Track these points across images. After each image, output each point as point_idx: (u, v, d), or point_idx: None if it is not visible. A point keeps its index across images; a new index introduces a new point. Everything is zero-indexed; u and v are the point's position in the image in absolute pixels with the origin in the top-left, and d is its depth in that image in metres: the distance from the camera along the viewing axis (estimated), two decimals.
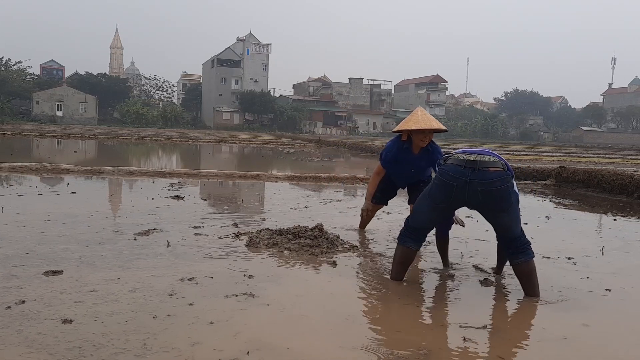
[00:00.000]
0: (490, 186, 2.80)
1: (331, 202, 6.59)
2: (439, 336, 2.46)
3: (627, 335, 2.56)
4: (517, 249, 2.98)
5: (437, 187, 2.97)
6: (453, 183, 2.86)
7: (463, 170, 2.83)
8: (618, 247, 4.58)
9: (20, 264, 3.17)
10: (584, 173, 9.17)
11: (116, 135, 28.85)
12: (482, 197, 2.84)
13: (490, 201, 2.85)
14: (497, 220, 2.95)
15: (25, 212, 4.92)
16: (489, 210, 2.93)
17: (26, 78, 69.28)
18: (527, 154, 21.82)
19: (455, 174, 2.85)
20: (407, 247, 3.14)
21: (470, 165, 2.83)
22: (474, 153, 2.92)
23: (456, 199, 2.91)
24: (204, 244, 3.95)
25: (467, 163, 2.84)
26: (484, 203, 2.88)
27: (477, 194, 2.83)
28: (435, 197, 2.99)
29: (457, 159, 2.90)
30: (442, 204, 2.99)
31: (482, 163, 2.83)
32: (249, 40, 79.43)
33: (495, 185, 2.81)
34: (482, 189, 2.81)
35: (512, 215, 2.93)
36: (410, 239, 3.14)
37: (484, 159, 2.85)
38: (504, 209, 2.88)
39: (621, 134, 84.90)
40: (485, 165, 2.82)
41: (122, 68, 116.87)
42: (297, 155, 18.45)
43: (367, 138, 48.64)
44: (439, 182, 2.95)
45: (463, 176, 2.83)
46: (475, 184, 2.81)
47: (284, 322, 2.46)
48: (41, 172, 8.48)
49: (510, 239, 2.98)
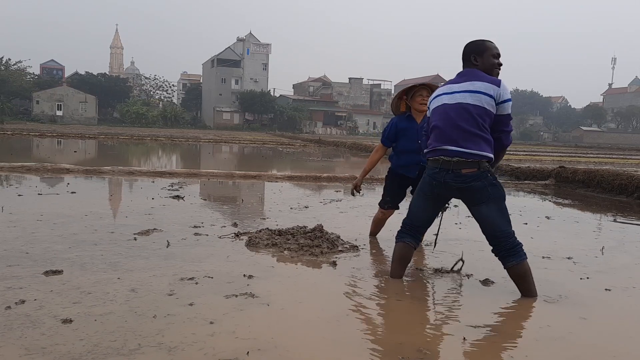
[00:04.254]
0: (464, 184, 2.93)
1: (331, 202, 6.59)
2: (439, 336, 2.46)
3: (627, 335, 2.56)
4: (508, 250, 2.93)
5: (422, 181, 3.14)
6: (432, 181, 3.03)
7: (438, 172, 2.98)
8: (618, 247, 4.58)
9: (15, 264, 3.17)
10: (584, 173, 9.17)
11: (116, 135, 28.85)
12: (460, 193, 2.99)
13: (468, 195, 2.97)
14: (480, 214, 2.98)
15: (19, 211, 4.91)
16: (469, 203, 3.02)
17: (26, 78, 69.25)
18: (527, 154, 21.82)
19: (432, 175, 3.02)
20: (404, 242, 3.19)
21: (445, 167, 2.95)
22: (452, 155, 2.92)
23: (439, 193, 3.06)
24: (204, 244, 3.95)
25: (442, 164, 2.96)
26: (462, 197, 3.02)
27: (454, 190, 2.99)
28: (424, 189, 3.13)
29: (434, 162, 3.01)
30: (430, 194, 3.11)
31: (455, 164, 2.91)
32: (249, 40, 79.44)
33: (468, 182, 2.92)
34: (458, 186, 2.95)
35: (494, 208, 2.92)
36: (407, 234, 3.20)
37: (459, 161, 2.90)
38: (482, 201, 2.93)
39: (621, 134, 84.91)
40: (459, 167, 2.91)
41: (122, 68, 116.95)
42: (297, 155, 18.45)
43: (367, 138, 48.69)
44: (423, 178, 3.14)
45: (439, 177, 2.98)
46: (450, 182, 2.95)
47: (283, 322, 2.46)
48: (41, 172, 8.48)
49: (496, 236, 2.93)
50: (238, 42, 79.85)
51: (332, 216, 5.50)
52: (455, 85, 2.98)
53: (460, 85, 2.95)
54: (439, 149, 2.97)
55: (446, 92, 3.01)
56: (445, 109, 2.97)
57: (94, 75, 76.27)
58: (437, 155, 2.98)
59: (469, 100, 2.88)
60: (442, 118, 2.97)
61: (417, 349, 2.22)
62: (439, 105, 3.02)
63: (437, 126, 3.00)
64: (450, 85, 3.02)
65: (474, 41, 3.07)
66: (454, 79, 3.05)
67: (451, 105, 2.94)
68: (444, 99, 3.00)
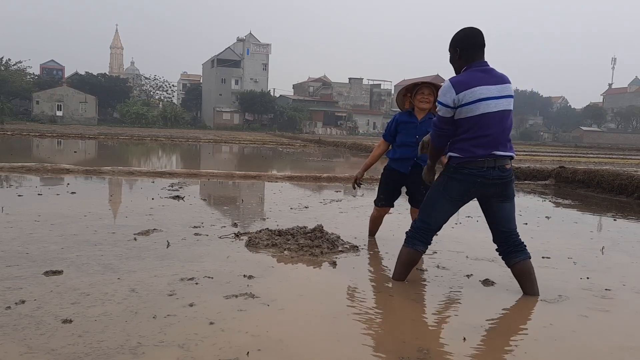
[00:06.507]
0: (505, 178, 2.98)
1: (331, 202, 6.59)
2: (439, 336, 2.46)
3: (627, 334, 2.56)
4: (515, 247, 3.03)
5: (456, 182, 3.00)
6: (477, 180, 2.95)
7: (486, 171, 2.94)
8: (618, 246, 4.58)
9: (15, 264, 3.17)
10: (584, 173, 9.17)
11: (116, 135, 28.86)
12: (498, 188, 2.99)
13: (504, 188, 3.00)
14: (502, 211, 3.03)
15: (18, 212, 4.92)
16: (498, 197, 3.01)
17: (26, 78, 69.23)
18: (527, 154, 21.82)
19: (479, 173, 2.94)
20: (415, 250, 3.10)
21: (491, 165, 2.94)
22: (498, 151, 2.94)
23: (475, 191, 3.01)
24: (204, 244, 3.95)
25: (489, 163, 2.93)
26: (499, 192, 3.00)
27: (495, 186, 2.98)
28: (452, 192, 3.02)
29: (481, 162, 2.94)
30: (459, 196, 3.03)
31: (500, 161, 2.95)
32: (249, 40, 79.45)
33: (508, 178, 3.00)
34: (500, 182, 2.97)
35: (513, 206, 3.10)
36: (419, 241, 3.10)
37: (503, 157, 2.95)
38: (510, 197, 3.04)
39: (621, 134, 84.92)
40: (503, 163, 2.96)
41: (122, 68, 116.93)
42: (297, 156, 18.46)
43: (367, 138, 48.68)
44: (462, 177, 2.98)
45: (487, 175, 2.95)
46: (495, 178, 2.95)
47: (283, 322, 2.46)
48: (41, 172, 8.48)
49: (508, 233, 3.04)
50: (238, 42, 79.86)
51: (332, 216, 5.50)
52: (493, 88, 2.93)
53: (497, 88, 2.93)
54: (489, 155, 2.95)
55: (489, 97, 2.92)
56: (493, 116, 2.94)
57: (94, 76, 76.25)
58: (484, 159, 2.96)
59: (508, 107, 2.98)
60: (493, 124, 2.94)
61: (417, 348, 2.22)
62: (487, 113, 2.93)
63: (489, 134, 2.94)
64: (488, 87, 2.92)
65: (480, 31, 3.04)
66: (483, 75, 2.95)
67: (496, 112, 2.94)
68: (490, 106, 2.92)
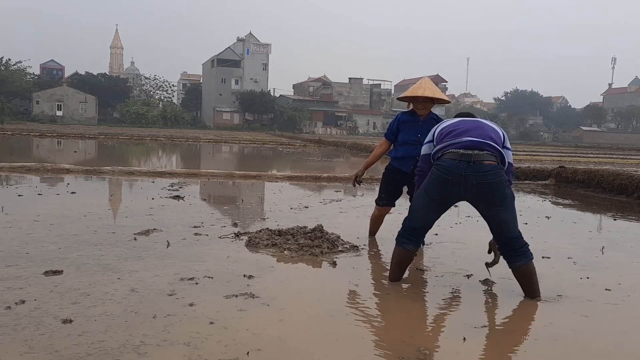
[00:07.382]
0: (485, 179, 2.83)
1: (331, 202, 6.59)
2: (439, 336, 2.46)
3: (627, 334, 2.56)
4: (516, 251, 2.96)
5: (433, 182, 2.97)
6: (449, 177, 2.88)
7: (458, 163, 2.86)
8: (618, 246, 4.58)
9: (15, 264, 3.17)
10: (584, 173, 9.17)
11: (116, 135, 28.85)
12: (477, 190, 2.86)
13: (487, 193, 2.86)
14: (495, 218, 2.92)
15: (18, 212, 4.91)
16: (485, 204, 2.91)
17: (26, 78, 69.18)
18: (527, 154, 21.81)
19: (451, 168, 2.88)
20: (405, 249, 3.12)
21: (465, 159, 2.86)
22: (472, 148, 2.90)
23: (452, 192, 2.92)
24: (204, 244, 3.95)
25: (462, 156, 2.87)
26: (479, 196, 2.89)
27: (472, 187, 2.85)
28: (430, 192, 2.99)
29: (453, 153, 2.92)
30: (438, 198, 2.98)
31: (476, 156, 2.86)
32: (249, 40, 79.42)
33: (489, 178, 2.84)
34: (477, 182, 2.84)
35: (509, 212, 2.92)
36: (407, 240, 3.12)
37: (480, 154, 2.87)
38: (499, 203, 2.88)
39: (621, 134, 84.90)
40: (480, 159, 2.86)
41: (122, 68, 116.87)
42: (297, 155, 18.46)
43: (367, 138, 48.66)
44: (435, 176, 2.95)
45: (459, 169, 2.86)
46: (470, 177, 2.84)
47: (283, 322, 2.46)
48: (41, 172, 8.48)
49: (508, 239, 2.96)
50: (238, 42, 79.82)
51: (332, 216, 5.50)
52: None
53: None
54: (464, 142, 2.93)
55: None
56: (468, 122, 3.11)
57: (94, 76, 76.22)
58: (456, 150, 2.91)
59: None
60: (470, 128, 3.04)
61: (417, 348, 2.22)
62: (463, 120, 3.17)
63: (467, 129, 3.03)
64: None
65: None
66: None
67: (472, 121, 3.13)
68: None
